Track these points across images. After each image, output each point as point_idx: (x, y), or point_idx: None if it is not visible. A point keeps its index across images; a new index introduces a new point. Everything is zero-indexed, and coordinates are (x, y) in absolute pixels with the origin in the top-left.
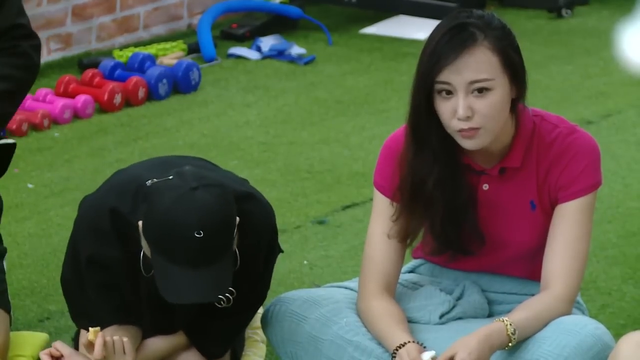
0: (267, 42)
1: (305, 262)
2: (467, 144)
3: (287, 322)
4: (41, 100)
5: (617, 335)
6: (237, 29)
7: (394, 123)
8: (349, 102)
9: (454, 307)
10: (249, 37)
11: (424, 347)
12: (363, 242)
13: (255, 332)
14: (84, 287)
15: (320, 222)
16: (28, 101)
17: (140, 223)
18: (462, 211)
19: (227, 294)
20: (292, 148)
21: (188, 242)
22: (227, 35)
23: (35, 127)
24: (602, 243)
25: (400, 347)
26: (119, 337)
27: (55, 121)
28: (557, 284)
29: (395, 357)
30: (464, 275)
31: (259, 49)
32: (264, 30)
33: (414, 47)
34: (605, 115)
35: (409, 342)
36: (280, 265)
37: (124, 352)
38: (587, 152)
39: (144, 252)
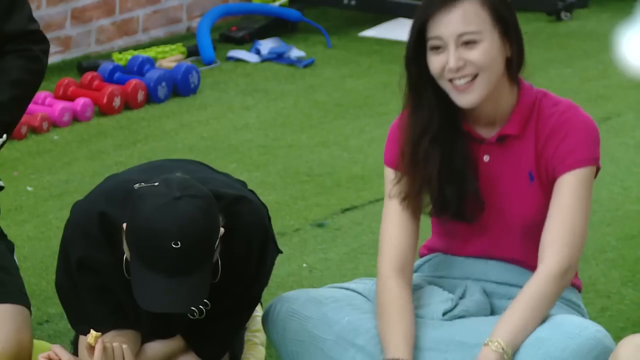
0: (267, 45)
1: (304, 265)
2: (462, 99)
3: (289, 321)
4: (40, 103)
5: (617, 338)
6: (236, 32)
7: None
8: (348, 105)
9: (456, 305)
10: (248, 40)
11: None
12: (362, 245)
13: (254, 335)
14: (78, 291)
15: (320, 225)
16: None
17: (124, 225)
18: (462, 176)
19: (200, 306)
20: (291, 151)
21: (165, 251)
22: (226, 38)
23: (35, 130)
24: (601, 246)
25: None
26: (118, 343)
27: (54, 124)
28: (550, 257)
29: None
30: (465, 264)
31: (258, 52)
32: (263, 33)
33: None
34: (605, 118)
35: None
36: (280, 269)
37: (123, 358)
38: (585, 127)
39: (125, 255)
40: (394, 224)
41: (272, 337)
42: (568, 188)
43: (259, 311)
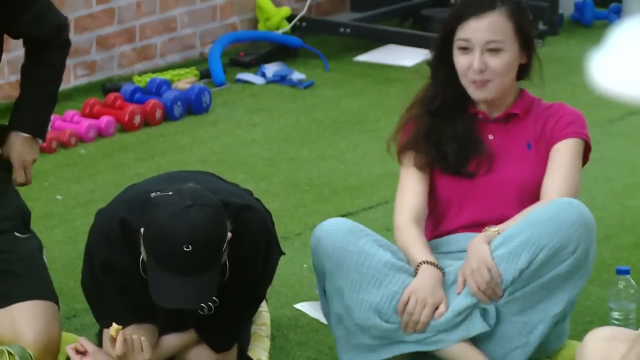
0: (271, 69)
1: (304, 265)
2: (477, 94)
3: (336, 254)
4: (69, 120)
5: (584, 331)
6: (244, 57)
7: (384, 141)
8: (344, 122)
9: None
10: (254, 64)
11: (444, 273)
12: None
13: (260, 328)
14: (101, 290)
15: None
16: (57, 122)
17: (142, 230)
18: (468, 138)
19: (209, 303)
20: (293, 163)
21: (177, 254)
22: (235, 62)
23: (64, 145)
24: None
25: (424, 263)
26: (137, 335)
27: (81, 139)
28: (554, 195)
29: (418, 269)
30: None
31: (263, 75)
32: (268, 58)
33: (402, 73)
34: None
35: (433, 263)
36: (283, 269)
37: (142, 350)
38: (576, 114)
39: (142, 257)
40: (407, 186)
41: (325, 267)
42: (564, 150)
43: (264, 306)
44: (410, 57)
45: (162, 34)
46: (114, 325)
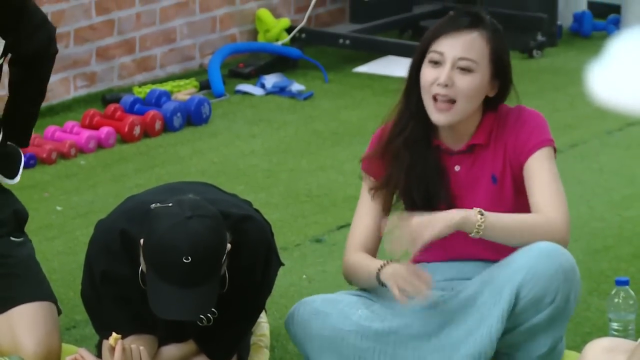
0: (270, 80)
1: (304, 276)
2: (438, 117)
3: (312, 319)
4: (69, 131)
5: (583, 342)
6: (244, 68)
7: None
8: (343, 134)
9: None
10: (254, 75)
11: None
12: None
13: (259, 339)
14: (101, 301)
15: (318, 241)
16: (57, 132)
17: (141, 241)
18: (432, 184)
19: (208, 314)
20: (292, 174)
21: (177, 265)
22: (234, 73)
23: (64, 156)
24: None
25: (382, 267)
26: (136, 345)
27: (81, 150)
28: (550, 211)
29: (380, 273)
30: (450, 267)
31: (263, 86)
32: (268, 69)
33: (402, 84)
34: (572, 145)
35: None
36: (282, 280)
37: (141, 359)
38: (533, 118)
39: (142, 268)
40: (362, 214)
41: (297, 337)
42: (538, 165)
43: (263, 317)
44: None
45: (162, 45)
46: (113, 334)
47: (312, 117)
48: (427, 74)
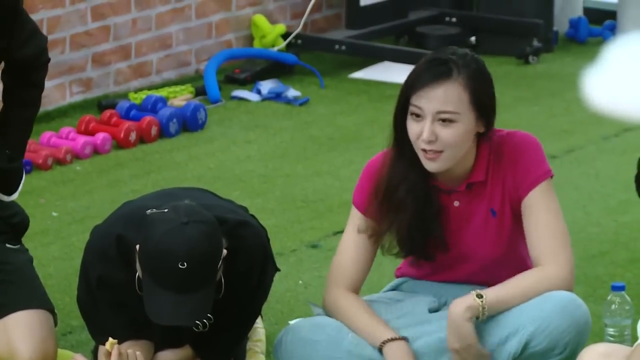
0: (266, 86)
1: (300, 282)
2: (429, 165)
3: (301, 348)
4: (64, 137)
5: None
6: (240, 74)
7: None
8: (339, 139)
9: (440, 309)
10: (250, 81)
11: (408, 340)
12: None
13: (255, 345)
14: (97, 306)
15: (314, 246)
16: (53, 138)
17: (137, 247)
18: (430, 222)
19: (204, 320)
20: (288, 180)
21: (173, 271)
22: (230, 79)
23: (59, 162)
24: None
25: (389, 341)
26: (132, 350)
27: (77, 156)
28: (551, 262)
29: (382, 349)
30: (442, 287)
31: (259, 92)
32: (264, 75)
33: (397, 90)
34: (568, 150)
35: (398, 338)
36: (278, 285)
37: None
38: (529, 147)
39: (138, 274)
40: (350, 258)
41: None
42: (537, 202)
43: (259, 323)
44: (406, 74)
45: (158, 51)
46: (110, 339)
47: (308, 122)
48: (412, 128)
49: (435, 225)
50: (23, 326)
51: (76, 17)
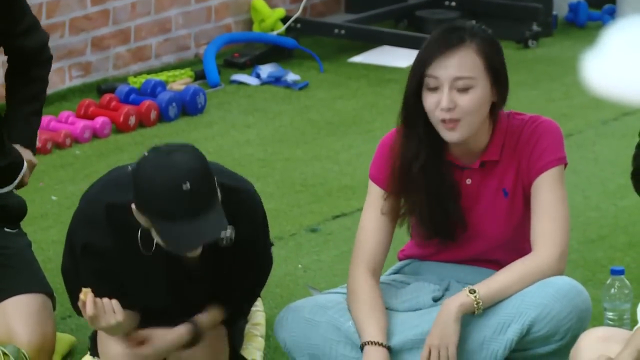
0: (266, 70)
1: (299, 266)
2: (449, 135)
3: (302, 328)
4: (64, 121)
5: None
6: (239, 58)
7: (378, 142)
8: (339, 123)
9: (443, 295)
10: (249, 65)
11: (390, 349)
12: (352, 248)
13: (254, 327)
14: (80, 274)
15: (313, 230)
16: (52, 122)
17: (132, 206)
18: (446, 200)
19: (228, 232)
20: (287, 164)
21: (179, 196)
22: (229, 63)
23: (59, 146)
24: None
25: (371, 344)
26: (107, 298)
27: (76, 140)
28: (541, 245)
29: (363, 348)
30: (446, 268)
31: (258, 76)
32: (263, 59)
33: (397, 74)
34: (567, 135)
35: (378, 342)
36: (278, 269)
37: (114, 312)
38: (549, 132)
39: (141, 231)
40: (371, 236)
41: (286, 345)
42: (545, 185)
43: (259, 306)
44: (405, 58)
45: (157, 35)
46: (83, 289)
47: (308, 107)
48: (429, 100)
49: (452, 204)
50: (22, 310)
51: (75, 1)
